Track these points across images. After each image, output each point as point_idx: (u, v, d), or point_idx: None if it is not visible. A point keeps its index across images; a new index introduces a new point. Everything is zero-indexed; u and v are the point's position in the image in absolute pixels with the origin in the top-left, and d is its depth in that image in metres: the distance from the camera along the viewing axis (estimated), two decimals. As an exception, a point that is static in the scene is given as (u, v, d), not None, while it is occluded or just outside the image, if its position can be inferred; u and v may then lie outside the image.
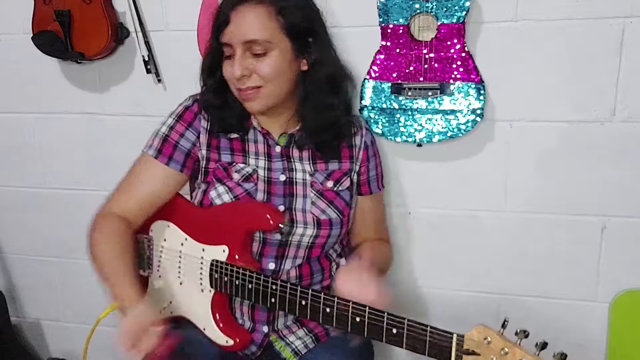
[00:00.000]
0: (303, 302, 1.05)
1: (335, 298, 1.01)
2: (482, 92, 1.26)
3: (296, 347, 1.21)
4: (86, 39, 1.45)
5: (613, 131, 1.28)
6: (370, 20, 1.30)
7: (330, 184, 1.22)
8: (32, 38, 1.47)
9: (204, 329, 1.17)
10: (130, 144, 1.38)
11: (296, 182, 1.21)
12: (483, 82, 1.26)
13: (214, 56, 1.18)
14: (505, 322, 0.89)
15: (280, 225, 1.13)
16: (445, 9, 1.23)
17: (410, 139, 1.32)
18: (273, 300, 1.08)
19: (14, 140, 1.68)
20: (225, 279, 1.13)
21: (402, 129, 1.32)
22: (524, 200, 1.37)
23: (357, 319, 0.99)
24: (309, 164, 1.22)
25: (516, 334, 0.89)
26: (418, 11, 1.25)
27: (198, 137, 1.21)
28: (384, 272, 1.28)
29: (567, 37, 1.25)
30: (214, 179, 1.20)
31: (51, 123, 1.63)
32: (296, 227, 1.18)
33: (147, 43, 1.48)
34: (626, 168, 1.29)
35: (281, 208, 1.18)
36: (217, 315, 1.16)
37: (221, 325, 1.16)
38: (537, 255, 1.39)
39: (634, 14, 1.21)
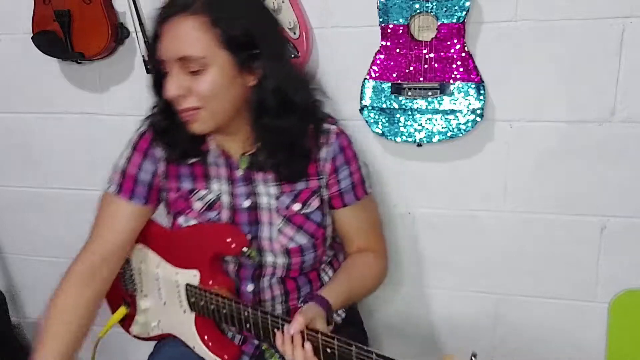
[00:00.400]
0: (275, 329, 1.01)
1: (305, 329, 0.97)
2: (482, 92, 1.26)
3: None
4: (86, 39, 1.45)
5: (612, 131, 1.28)
6: (370, 20, 1.30)
7: (297, 206, 1.13)
8: (32, 38, 1.47)
9: (194, 347, 1.16)
10: (130, 144, 1.39)
11: (261, 207, 1.13)
12: (483, 82, 1.27)
13: (157, 72, 1.07)
14: (475, 355, 0.86)
15: (243, 249, 1.09)
16: (445, 9, 1.23)
17: (410, 139, 1.32)
18: (248, 325, 1.05)
19: (14, 140, 1.69)
20: (201, 303, 1.11)
21: (402, 129, 1.32)
22: (524, 200, 1.37)
23: (328, 350, 0.95)
24: (274, 185, 1.13)
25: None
26: (418, 11, 1.25)
27: (156, 168, 1.14)
28: (363, 293, 1.22)
29: (567, 37, 1.25)
30: (175, 211, 1.15)
31: (51, 123, 1.63)
32: (265, 256, 1.13)
33: (147, 43, 1.48)
34: (626, 168, 1.29)
35: (248, 237, 1.12)
36: (204, 335, 1.15)
37: (209, 344, 1.14)
38: (537, 255, 1.39)
39: (634, 14, 1.21)
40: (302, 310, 1.02)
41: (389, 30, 1.28)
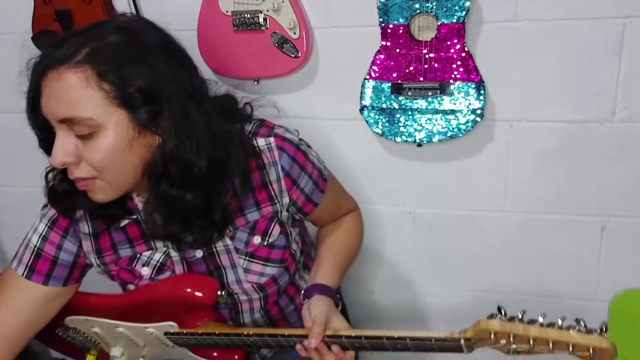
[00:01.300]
0: (291, 344, 0.96)
1: (325, 335, 0.92)
2: (482, 92, 1.26)
3: (262, 351, 1.17)
4: (86, 39, 1.45)
5: (613, 131, 1.28)
6: (370, 20, 1.30)
7: (257, 239, 1.02)
8: (32, 38, 1.47)
9: None
10: (130, 144, 1.39)
11: (217, 252, 1.02)
12: (483, 82, 1.26)
13: (43, 131, 0.89)
14: (502, 310, 0.89)
15: (218, 293, 1.00)
16: (445, 9, 1.23)
17: (410, 139, 1.32)
18: (258, 346, 1.03)
19: (14, 140, 1.68)
20: (192, 342, 1.02)
21: (402, 129, 1.32)
22: (524, 200, 1.37)
23: (357, 345, 0.93)
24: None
25: (520, 315, 0.90)
26: (418, 11, 1.25)
27: (80, 247, 0.98)
28: (352, 259, 1.19)
29: (567, 37, 1.25)
30: (122, 283, 1.03)
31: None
32: (238, 297, 1.07)
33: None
34: (626, 168, 1.29)
35: (212, 303, 1.02)
36: (203, 354, 1.09)
37: (215, 355, 1.09)
38: (537, 255, 1.39)
39: (634, 14, 1.21)
40: (311, 311, 0.96)
41: (389, 30, 1.28)
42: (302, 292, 1.07)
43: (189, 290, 0.99)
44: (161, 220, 0.92)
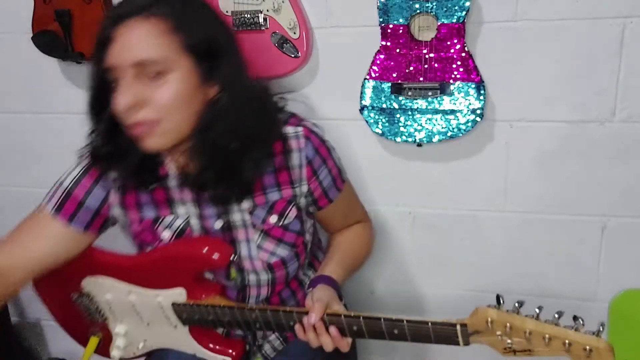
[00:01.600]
0: (291, 323, 0.98)
1: (325, 314, 0.94)
2: (482, 92, 1.26)
3: (265, 351, 1.18)
4: (86, 39, 1.45)
5: (613, 131, 1.28)
6: (370, 20, 1.30)
7: (273, 219, 1.06)
8: (32, 38, 1.47)
9: (195, 354, 1.12)
10: (130, 144, 1.39)
11: (235, 225, 1.06)
12: (483, 82, 1.26)
13: (100, 88, 0.95)
14: (501, 298, 0.90)
15: (230, 259, 1.02)
16: (445, 9, 1.23)
17: (410, 139, 1.32)
18: (257, 325, 1.02)
19: (14, 140, 1.68)
20: (196, 317, 1.04)
21: (402, 129, 1.32)
22: (524, 200, 1.37)
23: (355, 328, 0.95)
24: (246, 200, 1.05)
25: (517, 306, 0.91)
26: (418, 11, 1.25)
27: (108, 196, 1.04)
28: (359, 263, 1.21)
29: (567, 37, 1.25)
30: (142, 243, 1.07)
31: (51, 123, 1.63)
32: (247, 275, 1.09)
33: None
34: (626, 168, 1.29)
35: (225, 266, 1.06)
36: (205, 342, 1.10)
37: (214, 347, 1.10)
38: (537, 255, 1.39)
39: (634, 14, 1.21)
40: (314, 295, 0.99)
41: (389, 30, 1.28)
42: (308, 282, 1.10)
43: (204, 249, 1.02)
44: (198, 167, 0.98)
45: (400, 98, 1.30)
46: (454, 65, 1.26)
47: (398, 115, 1.31)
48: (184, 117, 0.94)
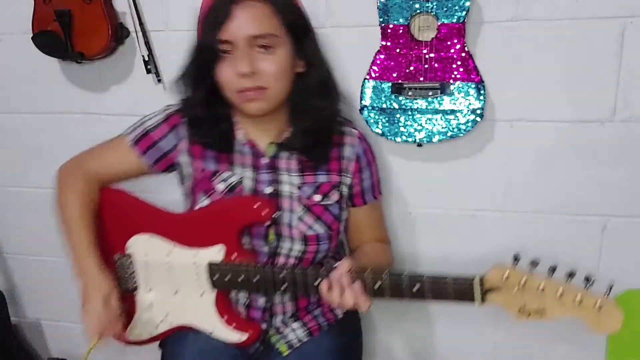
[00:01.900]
0: (315, 283, 1.05)
1: (352, 271, 1.01)
2: (482, 92, 1.26)
3: (290, 340, 1.21)
4: (86, 39, 1.45)
5: (613, 131, 1.28)
6: (370, 20, 1.30)
7: (317, 197, 1.18)
8: (32, 38, 1.47)
9: (211, 333, 1.16)
10: (130, 144, 1.39)
11: (283, 195, 1.17)
12: (483, 82, 1.26)
13: (206, 58, 1.10)
14: (518, 257, 0.95)
15: (274, 215, 1.12)
16: (445, 9, 1.23)
17: (410, 139, 1.32)
18: (283, 287, 1.08)
19: (14, 140, 1.69)
20: (227, 277, 1.11)
21: (402, 129, 1.32)
22: (524, 200, 1.37)
23: (378, 284, 1.01)
24: (297, 176, 1.18)
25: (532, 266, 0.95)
26: (418, 11, 1.25)
27: (178, 143, 1.19)
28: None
29: (567, 37, 1.25)
30: (198, 191, 1.18)
31: (51, 123, 1.63)
32: (283, 242, 1.16)
33: (147, 43, 1.48)
34: (626, 168, 1.29)
35: (267, 223, 1.15)
36: (224, 315, 1.15)
37: (232, 323, 1.15)
38: (537, 255, 1.39)
39: (634, 14, 1.21)
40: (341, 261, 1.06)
41: (389, 30, 1.28)
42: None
43: (254, 203, 1.13)
44: (300, 133, 1.16)
45: (400, 98, 1.30)
46: (454, 65, 1.26)
47: (398, 115, 1.31)
48: (284, 86, 1.12)
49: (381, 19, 1.28)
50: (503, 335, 1.46)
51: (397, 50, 1.28)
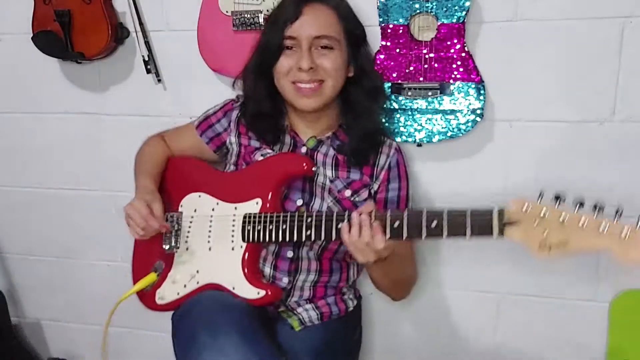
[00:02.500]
0: (339, 226, 1.09)
1: (372, 213, 1.05)
2: (482, 92, 1.26)
3: (302, 317, 1.24)
4: (86, 39, 1.45)
5: (613, 131, 1.28)
6: (370, 20, 1.30)
7: (348, 192, 1.23)
8: (32, 38, 1.47)
9: (233, 288, 1.18)
10: (130, 144, 1.39)
11: (316, 183, 1.24)
12: (483, 82, 1.27)
13: (271, 52, 1.20)
14: (542, 193, 0.92)
15: (314, 169, 1.20)
16: (445, 9, 1.23)
17: (410, 139, 1.32)
18: (309, 232, 1.12)
19: (14, 140, 1.69)
20: (259, 227, 1.18)
21: (402, 129, 1.32)
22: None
23: (397, 223, 1.04)
24: (331, 170, 1.24)
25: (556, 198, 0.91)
26: (418, 11, 1.25)
27: (229, 125, 1.33)
28: (400, 274, 1.27)
29: (567, 37, 1.25)
30: (240, 163, 1.30)
31: (51, 123, 1.63)
32: None
33: (147, 43, 1.48)
34: (626, 168, 1.29)
35: (299, 202, 1.22)
36: (247, 270, 1.19)
37: (253, 279, 1.18)
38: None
39: (634, 14, 1.21)
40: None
41: (389, 30, 1.28)
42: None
43: (296, 160, 1.23)
44: (357, 134, 1.24)
45: (400, 98, 1.30)
46: (454, 65, 1.26)
47: (398, 115, 1.31)
48: (337, 84, 1.21)
49: (381, 19, 1.28)
50: (503, 335, 1.46)
51: (397, 50, 1.29)
